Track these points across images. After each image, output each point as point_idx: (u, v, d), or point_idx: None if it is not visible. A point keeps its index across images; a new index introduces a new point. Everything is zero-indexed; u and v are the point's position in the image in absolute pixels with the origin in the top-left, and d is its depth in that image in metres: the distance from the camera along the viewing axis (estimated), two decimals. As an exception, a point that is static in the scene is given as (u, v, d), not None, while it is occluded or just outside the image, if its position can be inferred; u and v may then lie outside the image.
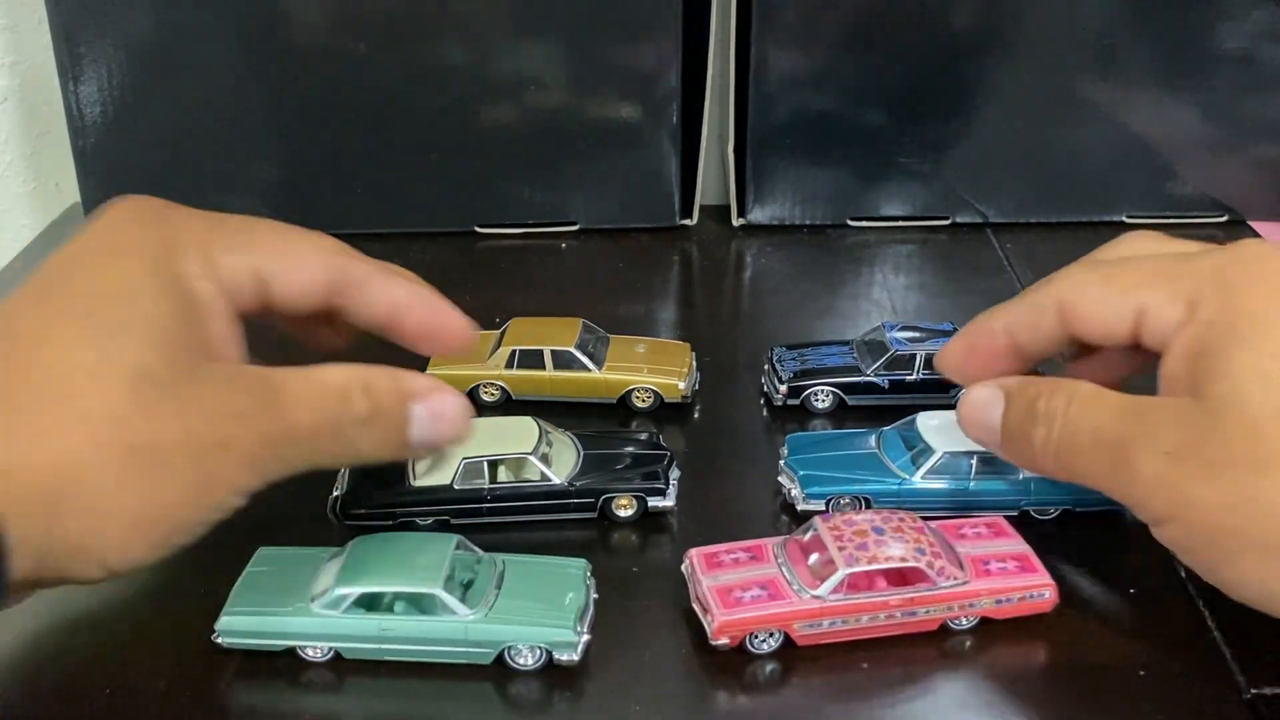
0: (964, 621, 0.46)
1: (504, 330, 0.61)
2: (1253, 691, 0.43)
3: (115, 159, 0.77)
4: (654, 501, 0.52)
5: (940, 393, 0.58)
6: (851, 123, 0.78)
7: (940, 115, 0.78)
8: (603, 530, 0.52)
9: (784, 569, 0.46)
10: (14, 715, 0.43)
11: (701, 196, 0.81)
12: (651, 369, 0.60)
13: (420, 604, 0.44)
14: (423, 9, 0.74)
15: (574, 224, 0.80)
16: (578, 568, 0.47)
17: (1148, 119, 0.78)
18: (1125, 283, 0.45)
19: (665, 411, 0.60)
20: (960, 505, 0.51)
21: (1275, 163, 0.79)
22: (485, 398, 0.60)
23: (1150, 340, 0.44)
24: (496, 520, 0.52)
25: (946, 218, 0.81)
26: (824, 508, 0.52)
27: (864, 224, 0.81)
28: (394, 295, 0.46)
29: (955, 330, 0.59)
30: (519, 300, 0.72)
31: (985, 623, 0.46)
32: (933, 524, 0.47)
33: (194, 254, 0.42)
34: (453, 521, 0.52)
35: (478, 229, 0.80)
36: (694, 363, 0.61)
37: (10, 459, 0.36)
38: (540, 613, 0.44)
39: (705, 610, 0.45)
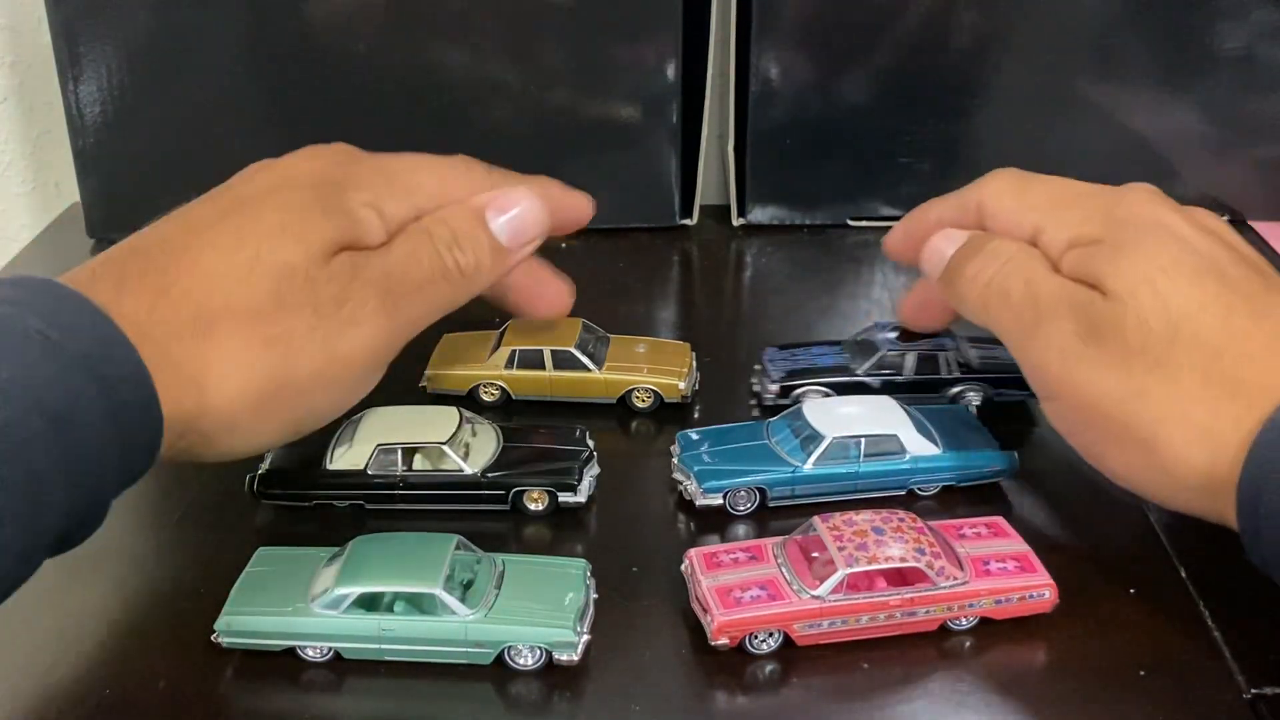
0: (964, 622, 0.46)
1: (504, 330, 0.61)
2: (1253, 691, 0.43)
3: (115, 159, 0.77)
4: (565, 497, 0.52)
5: (930, 392, 0.58)
6: (851, 123, 0.78)
7: (940, 115, 0.78)
8: (515, 523, 0.53)
9: (783, 569, 0.46)
10: (15, 715, 0.43)
11: (701, 196, 0.81)
12: (651, 369, 0.60)
13: (420, 604, 0.44)
14: (423, 9, 0.74)
15: (574, 224, 0.80)
16: (578, 568, 0.47)
17: (1148, 119, 0.78)
18: (1030, 200, 0.51)
19: (665, 411, 0.60)
20: (851, 489, 0.53)
21: (1275, 163, 0.79)
22: (485, 398, 0.60)
23: (1043, 252, 0.49)
24: (410, 508, 0.52)
25: (946, 218, 0.81)
26: (721, 501, 0.52)
27: (864, 224, 0.81)
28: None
29: (947, 330, 0.60)
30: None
31: (985, 623, 0.46)
32: (933, 524, 0.47)
33: (365, 194, 0.48)
34: (367, 507, 0.52)
35: (478, 229, 0.80)
36: (694, 363, 0.62)
37: (169, 348, 0.41)
38: (540, 613, 0.44)
39: (705, 610, 0.45)
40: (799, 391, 0.59)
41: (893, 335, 0.60)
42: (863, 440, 0.53)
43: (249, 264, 0.44)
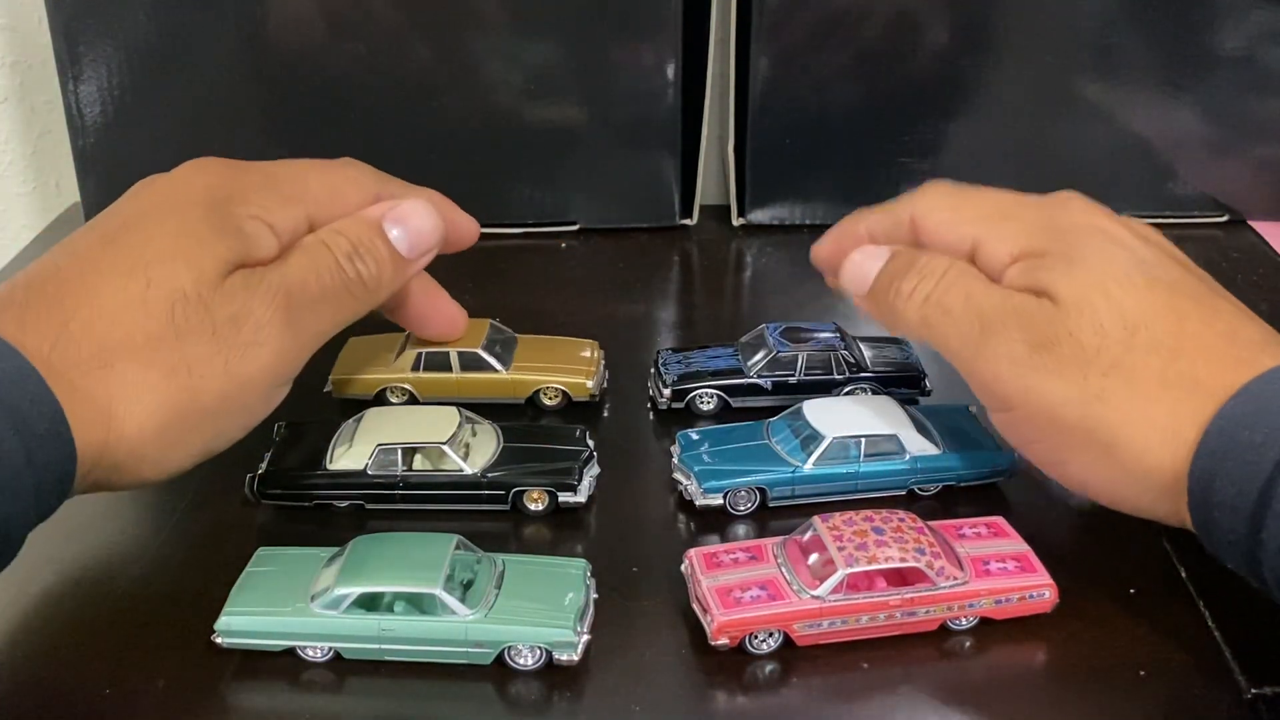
0: (964, 622, 0.46)
1: (409, 333, 0.61)
2: (1253, 691, 0.43)
3: (115, 159, 0.77)
4: (565, 497, 0.52)
5: (822, 393, 0.59)
6: (851, 123, 0.78)
7: (940, 115, 0.78)
8: (515, 523, 0.53)
9: (783, 569, 0.46)
10: (14, 715, 0.43)
11: (701, 196, 0.81)
12: (559, 368, 0.60)
13: (420, 604, 0.44)
14: (422, 9, 0.74)
15: (574, 224, 0.80)
16: (578, 568, 0.47)
17: (1148, 119, 0.78)
18: (967, 214, 0.50)
19: (575, 409, 0.60)
20: (851, 489, 0.53)
21: (1275, 163, 0.79)
22: (393, 401, 0.60)
23: (982, 268, 0.49)
24: (410, 508, 0.52)
25: (946, 218, 0.81)
26: (721, 501, 0.52)
27: (864, 224, 0.81)
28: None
29: (837, 330, 0.60)
30: (519, 300, 0.72)
31: (985, 623, 0.46)
32: (933, 524, 0.47)
33: (253, 206, 0.48)
34: (367, 507, 0.52)
35: (478, 229, 0.80)
36: (602, 361, 0.62)
37: (74, 382, 0.41)
38: (540, 613, 0.44)
39: (705, 610, 0.45)
40: (692, 394, 0.59)
41: (783, 336, 0.60)
42: (863, 440, 0.53)
43: (142, 293, 0.44)
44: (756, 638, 0.45)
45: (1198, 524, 0.42)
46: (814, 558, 0.46)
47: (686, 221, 0.81)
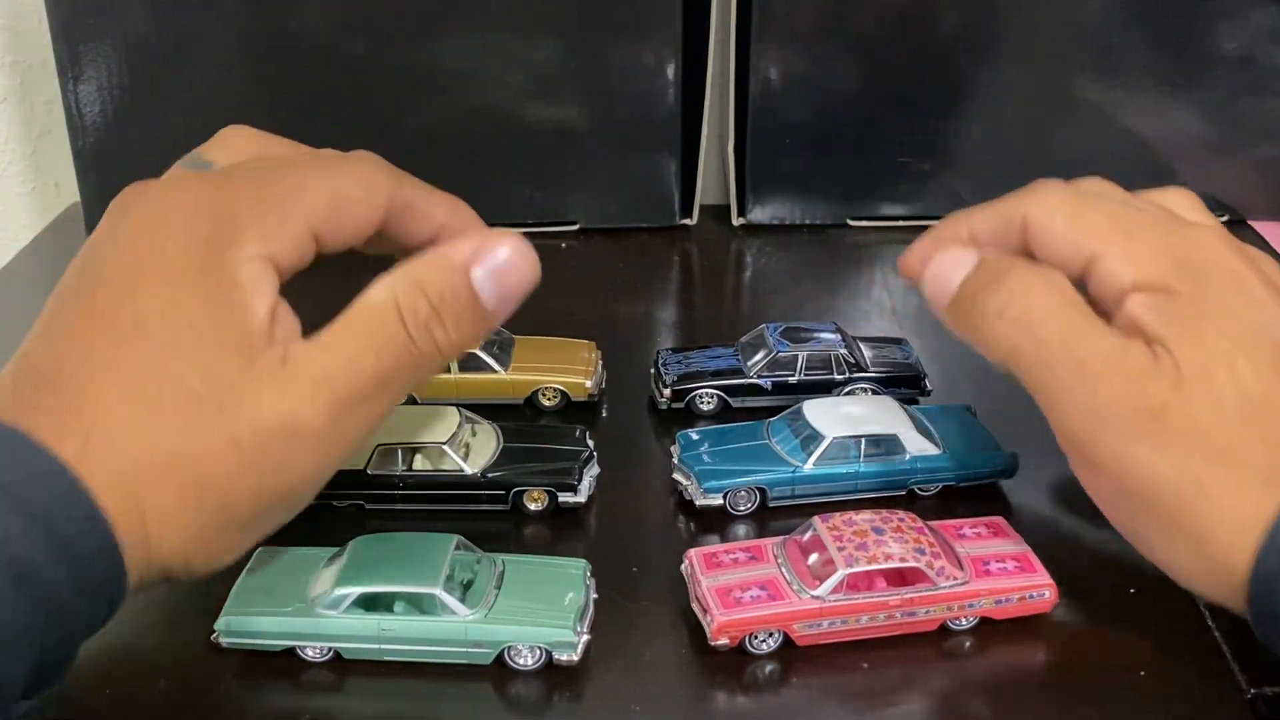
0: (964, 622, 0.46)
1: None
2: (1253, 691, 0.43)
3: (115, 159, 0.77)
4: (565, 497, 0.52)
5: (822, 393, 0.58)
6: (851, 123, 0.78)
7: (940, 115, 0.78)
8: (515, 523, 0.53)
9: (783, 569, 0.46)
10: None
11: (701, 196, 0.81)
12: (557, 368, 0.60)
13: (420, 604, 0.44)
14: (422, 9, 0.74)
15: (574, 224, 0.80)
16: (578, 568, 0.47)
17: (1148, 119, 0.78)
18: (1087, 224, 0.44)
19: (574, 409, 0.60)
20: (851, 489, 0.53)
21: (1275, 163, 0.79)
22: None
23: (1095, 287, 0.44)
24: (410, 508, 0.52)
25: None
26: (721, 501, 0.52)
27: (864, 224, 0.81)
28: (436, 219, 0.46)
29: (838, 330, 0.60)
30: (519, 300, 0.72)
31: (985, 623, 0.46)
32: (933, 524, 0.47)
33: (245, 234, 0.40)
34: (367, 507, 0.52)
35: (478, 229, 0.80)
36: (600, 361, 0.62)
37: (104, 498, 0.36)
38: (540, 613, 0.44)
39: (705, 611, 0.45)
40: (692, 395, 0.59)
41: (783, 336, 0.60)
42: (863, 440, 0.53)
43: (154, 399, 0.37)
44: (756, 638, 0.45)
45: (1257, 616, 0.40)
46: (814, 558, 0.46)
47: (686, 221, 0.81)
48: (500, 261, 0.42)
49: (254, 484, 0.38)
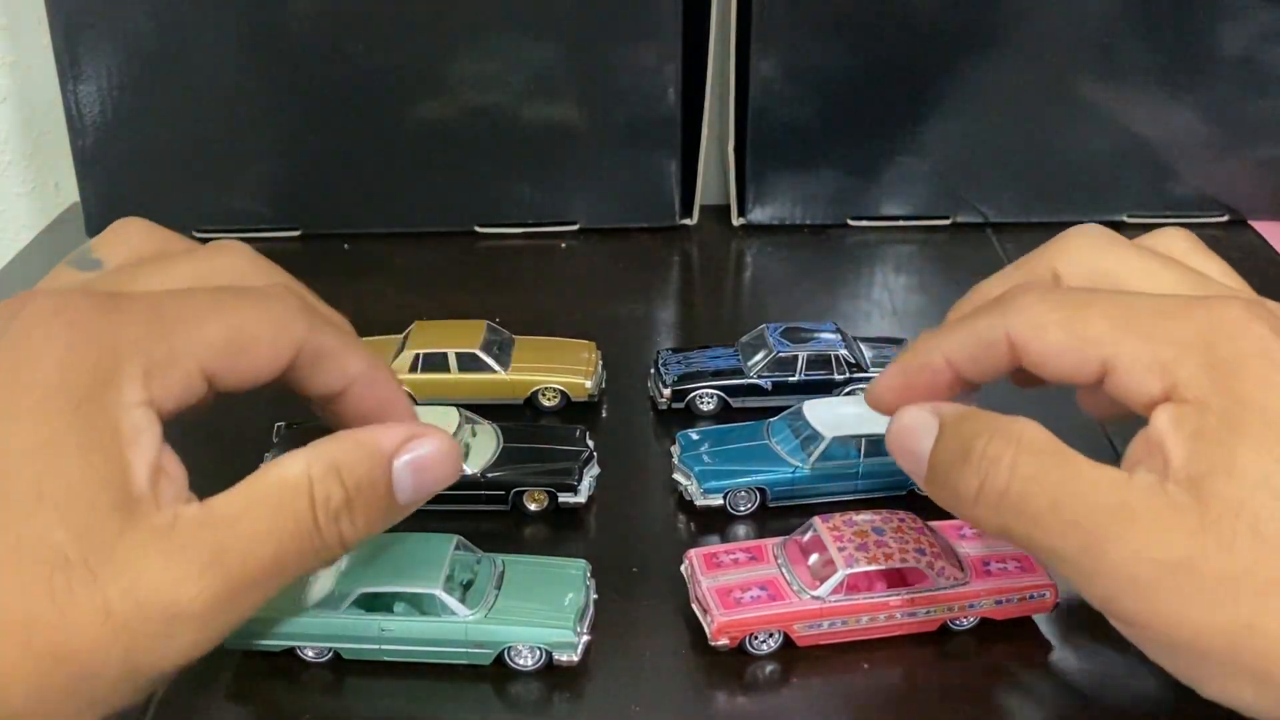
0: (964, 622, 0.46)
1: (407, 334, 0.61)
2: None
3: (115, 159, 0.77)
4: (565, 497, 0.52)
5: (822, 393, 0.58)
6: (851, 123, 0.78)
7: (940, 115, 0.78)
8: (515, 523, 0.52)
9: (784, 570, 0.46)
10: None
11: (701, 196, 0.80)
12: (557, 368, 0.60)
13: (420, 604, 0.44)
14: (422, 9, 0.74)
15: (574, 224, 0.80)
16: (578, 568, 0.47)
17: (1148, 119, 0.78)
18: (1090, 330, 0.38)
19: (574, 409, 0.60)
20: (851, 489, 0.53)
21: (1275, 163, 0.79)
22: None
23: (1116, 397, 0.39)
24: None
25: (946, 218, 0.81)
26: (721, 501, 0.52)
27: (864, 224, 0.81)
28: (350, 372, 0.41)
29: (838, 330, 0.60)
30: (518, 300, 0.72)
31: (985, 623, 0.46)
32: (933, 524, 0.47)
33: (129, 373, 0.35)
34: None
35: (478, 229, 0.80)
36: (600, 361, 0.62)
37: None
38: (540, 613, 0.44)
39: (705, 611, 0.45)
40: (692, 395, 0.59)
41: (783, 336, 0.60)
42: (863, 440, 0.53)
43: (13, 555, 0.33)
44: (757, 638, 0.45)
45: None
46: (814, 558, 0.46)
47: (686, 221, 0.81)
48: (425, 456, 0.39)
49: (120, 659, 0.33)
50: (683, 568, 0.47)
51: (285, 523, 0.36)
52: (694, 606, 0.46)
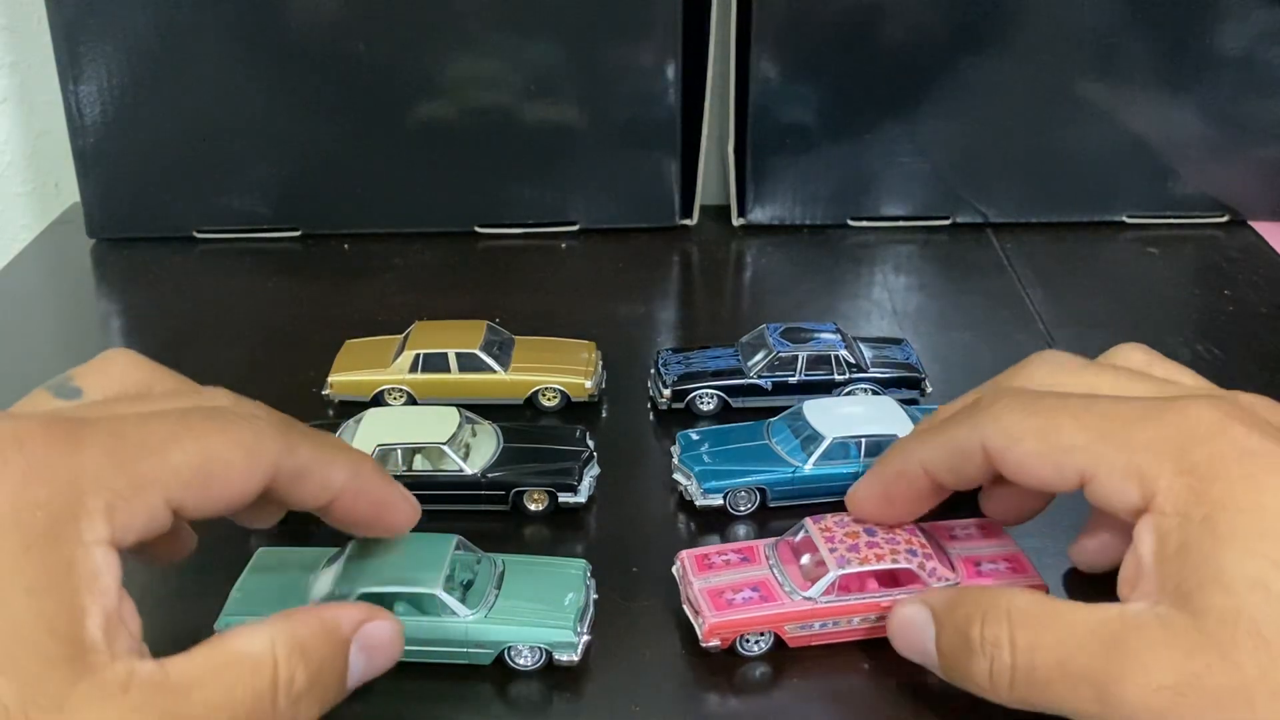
0: None
1: (408, 334, 0.61)
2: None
3: (115, 159, 0.77)
4: (565, 497, 0.52)
5: (822, 393, 0.59)
6: (851, 123, 0.78)
7: (940, 115, 0.78)
8: (515, 523, 0.53)
9: (775, 571, 0.46)
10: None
11: (701, 196, 0.81)
12: (557, 368, 0.60)
13: (420, 604, 0.44)
14: (422, 10, 0.74)
15: (574, 224, 0.80)
16: (577, 568, 0.47)
17: (1148, 119, 0.78)
18: (1064, 439, 0.39)
19: (575, 409, 0.60)
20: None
21: (1275, 163, 0.79)
22: (391, 403, 0.60)
23: (1097, 503, 0.40)
24: None
25: (946, 218, 0.81)
26: (721, 501, 0.52)
27: (864, 224, 0.81)
28: (334, 486, 0.41)
29: (838, 330, 0.60)
30: (519, 300, 0.72)
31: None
32: (924, 525, 0.47)
33: (88, 508, 0.34)
34: None
35: (478, 229, 0.80)
36: (600, 361, 0.62)
37: None
38: (540, 613, 0.44)
39: (696, 612, 0.45)
40: (692, 395, 0.59)
41: (783, 336, 0.60)
42: (863, 440, 0.53)
43: None
44: (748, 640, 0.44)
45: None
46: (805, 559, 0.46)
47: (686, 222, 0.81)
48: (379, 639, 0.39)
49: None
50: (674, 569, 0.47)
51: (243, 698, 0.34)
52: (685, 608, 0.46)
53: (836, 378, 0.59)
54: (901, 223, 0.81)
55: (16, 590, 0.32)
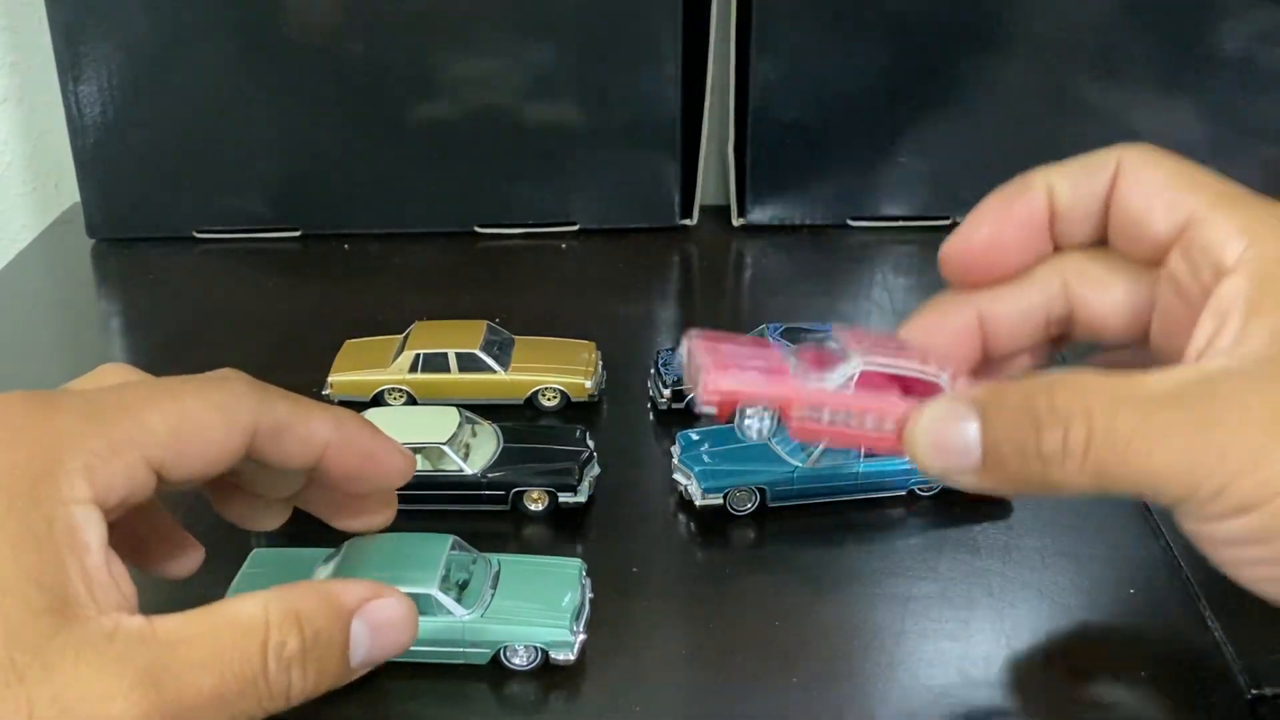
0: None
1: (408, 334, 0.61)
2: (1253, 692, 0.43)
3: (115, 159, 0.77)
4: (565, 497, 0.52)
5: None
6: (851, 123, 0.78)
7: (940, 115, 0.78)
8: (514, 523, 0.52)
9: (792, 359, 0.40)
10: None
11: (701, 196, 0.80)
12: (557, 368, 0.60)
13: (416, 604, 0.44)
14: (422, 11, 0.74)
15: (574, 224, 0.80)
16: (574, 568, 0.47)
17: (1148, 119, 0.78)
18: (1193, 181, 0.39)
19: (573, 409, 0.60)
20: (851, 488, 0.53)
21: (1275, 163, 0.79)
22: (391, 403, 0.60)
23: (1183, 256, 0.38)
24: (410, 508, 0.51)
25: (946, 218, 0.81)
26: (721, 501, 0.52)
27: (864, 224, 0.81)
28: (317, 439, 0.40)
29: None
30: (519, 300, 0.72)
31: (980, 612, 0.46)
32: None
33: (67, 468, 0.34)
34: None
35: (478, 229, 0.80)
36: (600, 361, 0.62)
37: None
38: (536, 613, 0.44)
39: (698, 373, 0.39)
40: (691, 395, 0.59)
41: (783, 336, 0.60)
42: None
43: None
44: (747, 415, 0.39)
45: None
46: (830, 353, 0.40)
47: (686, 221, 0.81)
48: (386, 617, 0.38)
49: None
50: (680, 350, 0.41)
51: (231, 660, 0.34)
52: (686, 380, 0.41)
53: None
54: (901, 223, 0.81)
55: (6, 546, 0.32)
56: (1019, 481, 0.36)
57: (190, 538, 0.44)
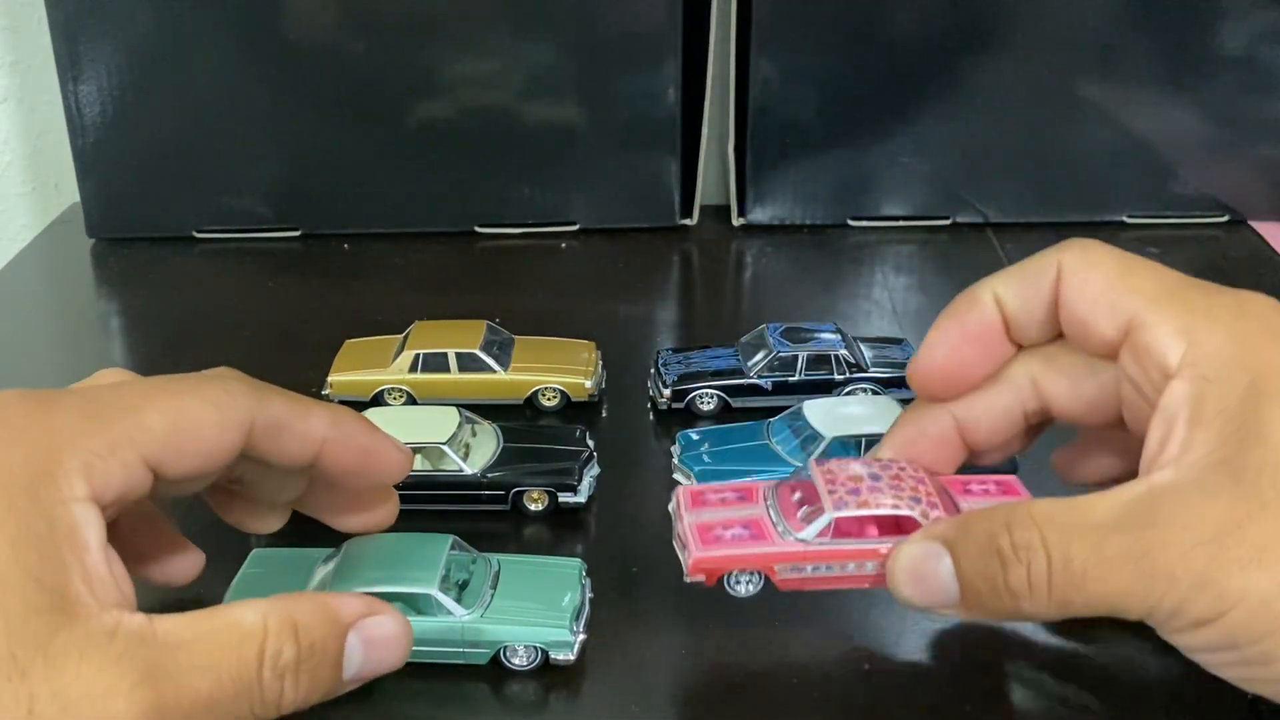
0: None
1: (407, 334, 0.61)
2: (1253, 692, 0.43)
3: (115, 159, 0.77)
4: (565, 497, 0.52)
5: (822, 393, 0.58)
6: (851, 123, 0.78)
7: (940, 115, 0.78)
8: (515, 523, 0.52)
9: (770, 510, 0.43)
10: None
11: (701, 196, 0.80)
12: (557, 368, 0.60)
13: (416, 604, 0.44)
14: (422, 10, 0.74)
15: (574, 224, 0.80)
16: (573, 568, 0.46)
17: (1148, 119, 0.78)
18: (1133, 283, 0.39)
19: (574, 409, 0.60)
20: None
21: (1275, 163, 0.79)
22: (391, 403, 0.60)
23: (1130, 357, 0.39)
24: (410, 508, 0.51)
25: (946, 218, 0.81)
26: None
27: (864, 224, 0.81)
28: (314, 436, 0.41)
29: (838, 330, 0.60)
30: (519, 300, 0.72)
31: (981, 624, 0.46)
32: (940, 476, 0.45)
33: (65, 466, 0.35)
34: None
35: (478, 229, 0.80)
36: (600, 361, 0.62)
37: None
38: (536, 613, 0.44)
39: (683, 546, 0.43)
40: (692, 395, 0.59)
41: (783, 336, 0.60)
42: (863, 440, 0.52)
43: None
44: (734, 578, 0.42)
45: None
46: (800, 497, 0.43)
47: (686, 221, 0.81)
48: (380, 634, 0.38)
49: None
50: (670, 506, 0.45)
51: (228, 665, 0.34)
52: (675, 544, 0.43)
53: (836, 378, 0.59)
54: (901, 223, 0.81)
55: (5, 545, 0.33)
56: (997, 614, 0.38)
57: (190, 544, 0.45)
